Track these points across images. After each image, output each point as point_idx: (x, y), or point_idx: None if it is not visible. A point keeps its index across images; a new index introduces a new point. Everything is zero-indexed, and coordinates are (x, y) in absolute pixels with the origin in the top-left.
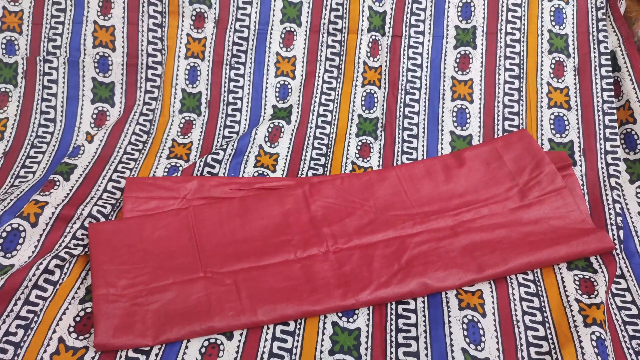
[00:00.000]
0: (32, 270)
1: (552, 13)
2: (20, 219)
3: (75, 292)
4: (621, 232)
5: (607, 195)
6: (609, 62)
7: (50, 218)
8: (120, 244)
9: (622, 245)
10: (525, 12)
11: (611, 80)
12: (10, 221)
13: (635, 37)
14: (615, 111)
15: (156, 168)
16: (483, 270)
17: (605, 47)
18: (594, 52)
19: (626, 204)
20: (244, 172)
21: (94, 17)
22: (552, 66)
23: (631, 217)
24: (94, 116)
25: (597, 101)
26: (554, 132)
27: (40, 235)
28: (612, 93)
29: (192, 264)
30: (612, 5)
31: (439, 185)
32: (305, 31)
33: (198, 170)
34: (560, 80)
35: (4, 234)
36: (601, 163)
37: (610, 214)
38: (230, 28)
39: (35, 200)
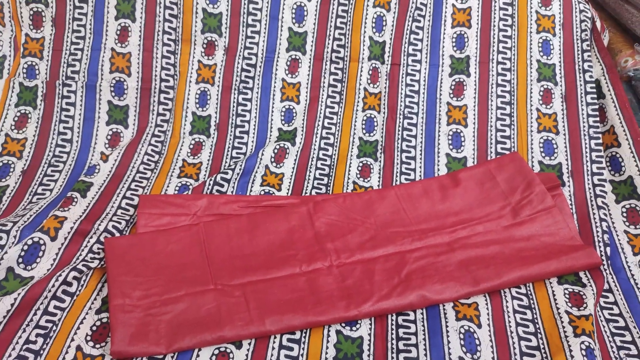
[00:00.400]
0: (51, 282)
1: (540, 44)
2: (41, 232)
3: (92, 303)
4: (608, 249)
5: (594, 214)
6: (594, 90)
7: (68, 232)
8: (134, 257)
9: (609, 261)
10: (515, 43)
11: (596, 106)
12: (31, 235)
13: (619, 67)
14: (600, 135)
15: (167, 186)
16: (478, 284)
17: (590, 76)
18: (580, 81)
19: (612, 223)
20: (251, 190)
21: (111, 44)
22: (541, 93)
23: (617, 235)
24: (109, 137)
25: (584, 126)
26: (543, 154)
27: (59, 248)
28: (598, 119)
29: (203, 277)
30: (596, 38)
31: (435, 204)
32: (310, 59)
33: (208, 189)
34: (548, 107)
35: (26, 247)
36: (588, 184)
37: (597, 231)
38: (239, 55)
39: (55, 216)
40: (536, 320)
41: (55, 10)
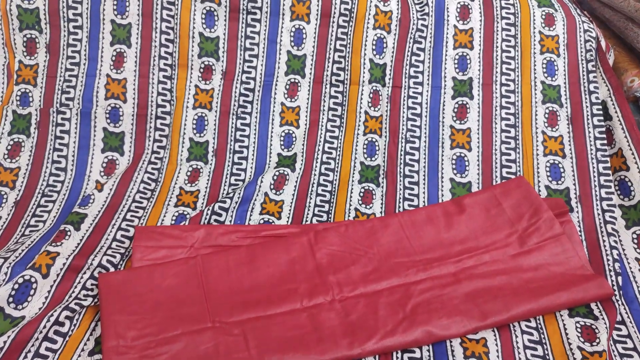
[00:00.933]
0: (42, 323)
1: (544, 65)
2: (32, 270)
3: (85, 344)
4: (620, 278)
5: (604, 241)
6: (601, 112)
7: (61, 269)
8: (129, 293)
9: (621, 292)
10: (518, 64)
11: (603, 129)
12: (22, 273)
13: (625, 87)
14: (608, 159)
15: (164, 216)
16: (486, 318)
17: (597, 98)
18: (586, 102)
19: (623, 250)
20: (250, 219)
21: (107, 70)
22: (546, 115)
23: (629, 263)
24: (104, 165)
25: (591, 149)
26: (550, 179)
27: (51, 286)
28: (605, 141)
29: (201, 314)
30: (601, 58)
31: (440, 232)
32: (309, 82)
33: (205, 219)
34: (554, 129)
35: (16, 286)
36: (597, 209)
37: (608, 260)
38: (237, 80)
39: (47, 251)
40: (548, 357)
41: (49, 36)
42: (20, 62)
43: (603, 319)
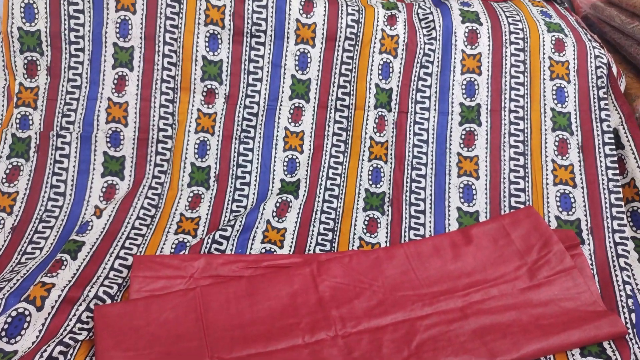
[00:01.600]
0: (35, 358)
1: (554, 92)
2: (26, 302)
3: None
4: (633, 315)
5: (616, 275)
6: (612, 140)
7: (56, 301)
8: (126, 327)
9: (634, 329)
10: (527, 90)
11: (615, 158)
12: (16, 305)
13: (637, 114)
14: (620, 189)
15: (164, 244)
16: (494, 357)
17: (608, 126)
18: (597, 130)
19: (636, 285)
20: (251, 248)
21: (108, 94)
22: (556, 143)
23: None
24: (104, 190)
25: (602, 179)
26: (560, 209)
27: (46, 319)
28: (617, 171)
29: (199, 349)
30: (612, 85)
31: (447, 264)
32: (314, 107)
33: (206, 248)
34: (564, 158)
35: (9, 319)
36: (609, 242)
37: (621, 295)
38: (240, 104)
39: (42, 283)
40: None
41: (50, 59)
42: (20, 85)
43: (616, 358)
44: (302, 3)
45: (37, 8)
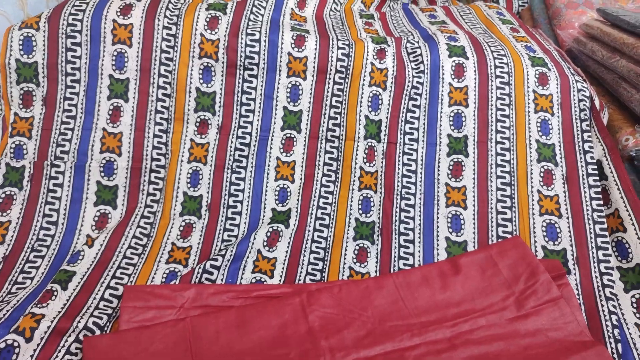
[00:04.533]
0: None
1: (538, 124)
2: (15, 334)
3: None
4: (619, 345)
5: (602, 305)
6: (596, 172)
7: (45, 332)
8: (115, 358)
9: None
10: (513, 122)
11: (599, 189)
12: (5, 337)
13: (620, 145)
14: (605, 219)
15: (155, 273)
16: None
17: (592, 157)
18: (581, 162)
19: (622, 315)
20: (241, 278)
21: (103, 124)
22: (542, 174)
23: (629, 329)
24: (96, 219)
25: (587, 209)
26: (546, 239)
27: (35, 350)
28: (601, 202)
29: None
30: (595, 117)
31: (435, 293)
32: (305, 137)
33: (196, 277)
34: (550, 188)
35: None
36: (595, 272)
37: (607, 325)
38: (233, 134)
39: (32, 314)
40: None
41: (46, 89)
42: (15, 115)
43: None
44: (294, 37)
45: (35, 41)
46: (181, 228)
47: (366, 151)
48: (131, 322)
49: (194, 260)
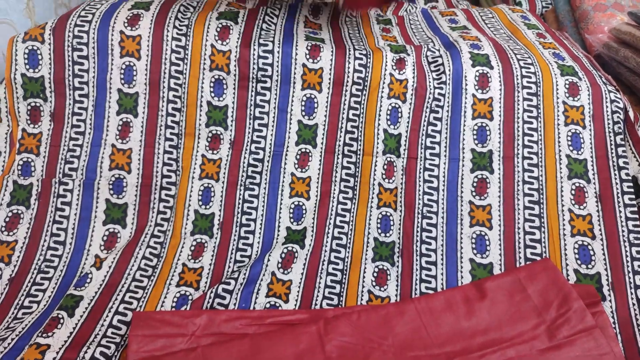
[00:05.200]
0: None
1: (569, 138)
2: None
3: None
4: None
5: None
6: (632, 189)
7: None
8: None
9: None
10: (541, 136)
11: (635, 208)
12: None
13: None
14: None
15: (165, 297)
16: None
17: (627, 174)
18: (615, 179)
19: None
20: (255, 302)
21: (112, 140)
22: (573, 192)
23: None
24: (104, 238)
25: (622, 230)
26: (579, 262)
27: None
28: (638, 222)
29: None
30: (630, 130)
31: (460, 320)
32: (321, 152)
33: (208, 302)
34: (582, 207)
35: None
36: (632, 299)
37: None
38: (246, 149)
39: (37, 344)
40: None
41: (54, 104)
42: (23, 131)
43: None
44: (309, 47)
45: (41, 54)
46: (192, 248)
47: (385, 167)
48: (140, 352)
49: (206, 282)
